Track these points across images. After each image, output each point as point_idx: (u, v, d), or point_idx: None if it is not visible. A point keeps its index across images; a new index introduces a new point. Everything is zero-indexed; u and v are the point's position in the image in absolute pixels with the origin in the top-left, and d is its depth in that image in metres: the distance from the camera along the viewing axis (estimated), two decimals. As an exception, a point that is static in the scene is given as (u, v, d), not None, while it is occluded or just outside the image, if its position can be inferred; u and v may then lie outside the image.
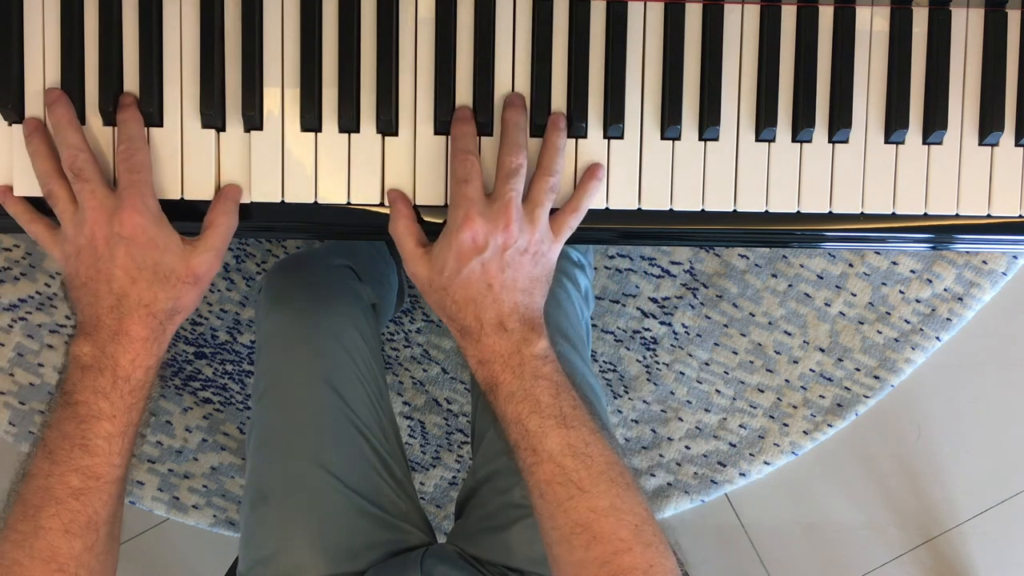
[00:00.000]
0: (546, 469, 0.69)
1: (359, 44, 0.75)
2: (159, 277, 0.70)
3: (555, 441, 0.69)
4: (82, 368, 0.69)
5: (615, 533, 0.67)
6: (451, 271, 0.71)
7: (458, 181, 0.72)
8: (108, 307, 0.70)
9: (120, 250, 0.69)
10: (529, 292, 0.73)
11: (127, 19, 0.74)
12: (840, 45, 0.77)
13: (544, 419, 0.70)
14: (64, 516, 0.67)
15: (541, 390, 0.71)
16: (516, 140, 0.73)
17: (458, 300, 0.71)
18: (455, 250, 0.70)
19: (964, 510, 1.49)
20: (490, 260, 0.70)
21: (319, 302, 0.98)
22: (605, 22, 0.76)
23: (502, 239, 0.70)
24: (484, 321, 0.71)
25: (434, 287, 0.73)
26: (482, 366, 0.72)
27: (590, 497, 0.68)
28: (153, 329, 0.71)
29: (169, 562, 1.50)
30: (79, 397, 0.69)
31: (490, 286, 0.71)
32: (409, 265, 0.74)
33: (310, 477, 0.90)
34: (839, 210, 0.78)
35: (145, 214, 0.70)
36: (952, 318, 1.45)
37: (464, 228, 0.70)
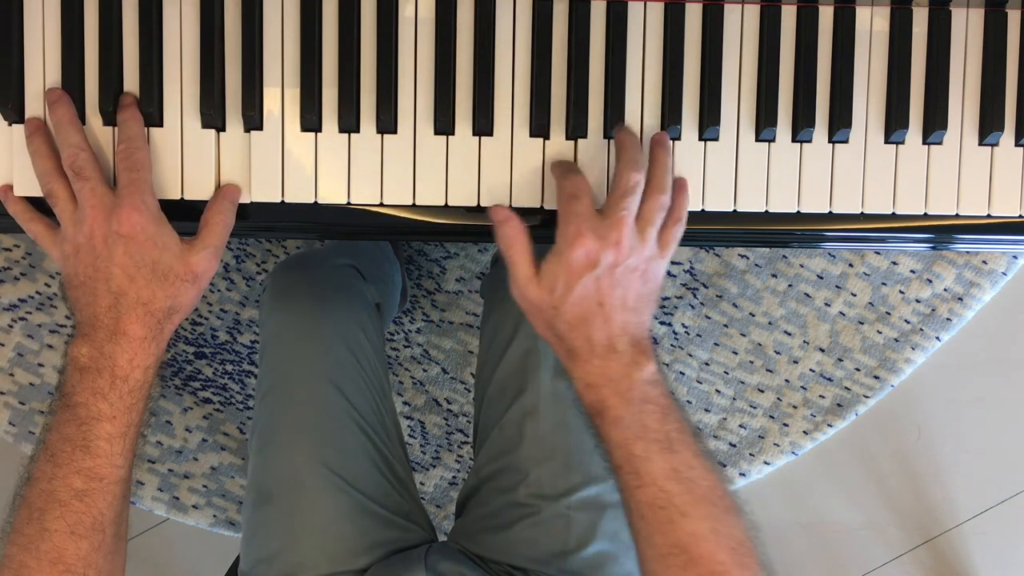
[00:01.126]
0: (648, 492, 0.68)
1: (359, 44, 0.75)
2: (157, 275, 0.70)
3: (659, 465, 0.68)
4: (80, 370, 0.69)
5: (713, 556, 0.66)
6: (563, 289, 0.69)
7: (568, 197, 0.71)
8: (106, 306, 0.69)
9: (119, 248, 0.69)
10: (638, 311, 0.71)
11: (127, 19, 0.74)
12: (840, 45, 0.77)
13: (649, 444, 0.69)
14: (69, 518, 0.67)
15: (648, 415, 0.69)
16: (635, 157, 0.72)
17: (569, 320, 0.70)
18: (566, 267, 0.69)
19: (964, 510, 1.49)
20: (602, 277, 0.69)
21: (324, 301, 0.99)
22: (605, 22, 0.76)
23: (613, 256, 0.69)
24: (594, 342, 0.70)
25: (544, 308, 0.71)
26: (589, 390, 0.71)
27: (691, 521, 0.67)
28: (151, 328, 0.70)
29: (169, 562, 1.50)
30: (78, 399, 0.69)
31: (601, 304, 0.70)
32: (519, 287, 0.72)
33: (313, 475, 0.90)
34: (839, 210, 0.78)
35: (144, 212, 0.70)
36: (952, 318, 1.45)
37: (576, 244, 0.68)
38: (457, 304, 1.44)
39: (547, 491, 0.89)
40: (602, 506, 0.89)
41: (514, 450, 0.91)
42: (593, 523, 0.88)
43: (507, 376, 0.94)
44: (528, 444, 0.90)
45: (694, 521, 0.67)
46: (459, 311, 1.44)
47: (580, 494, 0.88)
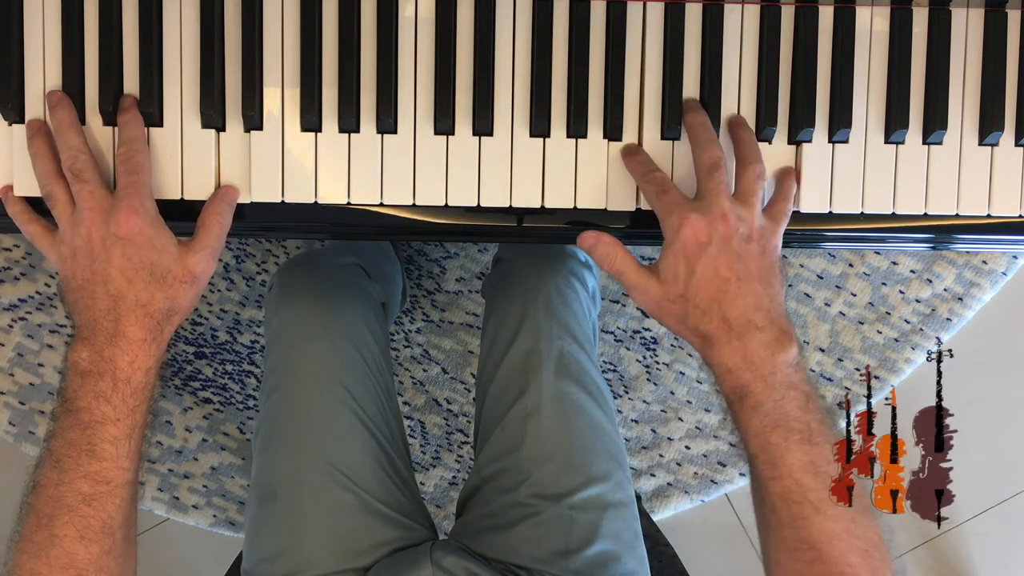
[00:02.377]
0: (782, 485, 0.66)
1: (359, 44, 0.75)
2: (156, 277, 0.70)
3: (797, 457, 0.66)
4: (81, 374, 0.69)
5: (843, 558, 0.65)
6: (684, 276, 0.69)
7: (657, 195, 0.71)
8: (105, 309, 0.69)
9: (116, 250, 0.69)
10: (767, 282, 0.69)
11: (127, 19, 0.74)
12: (840, 45, 0.77)
13: (789, 433, 0.67)
14: (78, 523, 0.67)
15: (790, 402, 0.68)
16: (708, 136, 0.72)
17: (700, 304, 0.69)
18: (682, 253, 0.69)
19: (964, 510, 1.49)
20: (719, 254, 0.68)
21: (330, 299, 0.99)
22: (605, 22, 0.76)
23: (723, 229, 0.68)
24: (731, 320, 0.68)
25: (672, 300, 0.70)
26: (730, 375, 0.69)
27: (824, 519, 0.65)
28: (151, 330, 0.70)
29: (169, 562, 1.50)
30: (81, 403, 0.69)
31: (727, 280, 0.68)
32: (639, 291, 0.72)
33: (318, 474, 0.90)
34: (839, 210, 0.78)
35: (142, 215, 0.70)
36: (952, 318, 1.45)
37: (683, 228, 0.68)
38: (457, 304, 1.44)
39: (549, 491, 0.89)
40: (604, 506, 0.89)
41: (516, 450, 0.91)
42: (595, 523, 0.88)
43: (509, 376, 0.94)
44: (530, 444, 0.90)
45: (828, 520, 0.65)
46: (459, 311, 1.44)
47: (582, 494, 0.88)
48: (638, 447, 1.48)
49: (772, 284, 0.70)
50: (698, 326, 0.69)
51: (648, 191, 0.73)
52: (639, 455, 1.48)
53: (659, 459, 1.48)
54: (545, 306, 0.96)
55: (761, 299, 0.69)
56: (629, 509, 0.91)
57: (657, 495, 1.49)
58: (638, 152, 0.76)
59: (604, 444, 0.91)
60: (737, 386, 0.69)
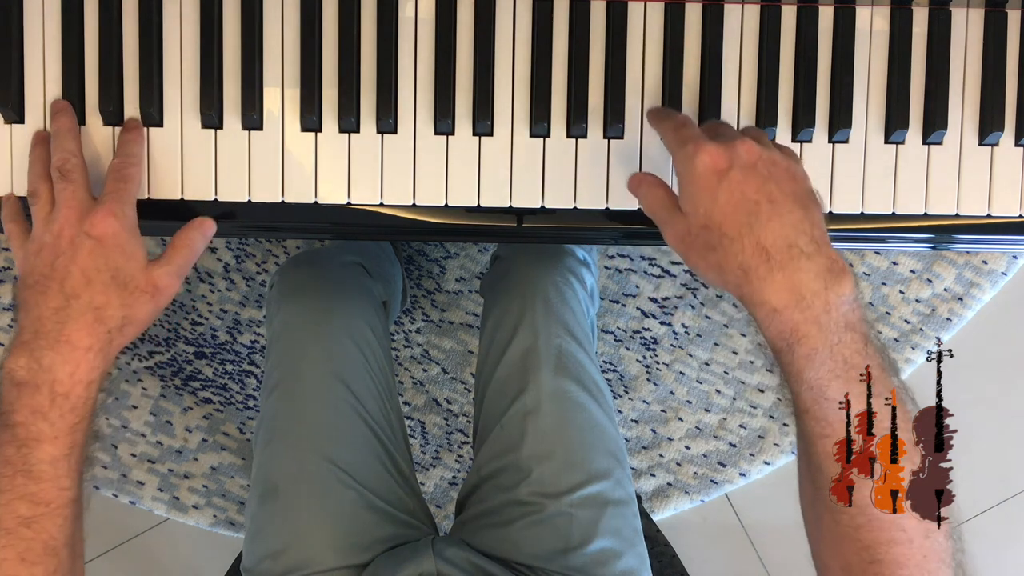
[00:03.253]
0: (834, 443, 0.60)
1: (359, 44, 0.75)
2: (117, 282, 0.67)
3: None
4: (17, 385, 0.64)
5: (896, 522, 0.59)
6: (706, 203, 0.61)
7: (676, 126, 0.66)
8: (53, 308, 0.66)
9: (84, 248, 0.67)
10: (804, 205, 0.61)
11: (127, 20, 0.74)
12: (840, 45, 0.77)
13: (849, 383, 0.59)
14: (18, 546, 0.63)
15: (848, 347, 0.59)
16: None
17: (728, 232, 0.60)
18: (701, 182, 0.62)
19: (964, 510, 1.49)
20: (744, 178, 0.61)
21: (332, 297, 0.99)
22: (605, 22, 0.76)
23: (744, 153, 0.62)
24: (769, 246, 0.59)
25: (694, 231, 0.63)
26: (777, 316, 0.59)
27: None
28: (99, 339, 0.66)
29: (169, 562, 1.50)
30: (17, 418, 0.64)
31: (757, 202, 0.60)
32: (667, 228, 0.66)
33: (320, 471, 0.90)
34: (839, 210, 0.78)
35: (120, 219, 0.68)
36: (952, 318, 1.45)
37: (698, 156, 0.62)
38: (457, 304, 1.44)
39: (549, 489, 0.89)
40: (604, 503, 0.89)
41: (515, 448, 0.91)
42: (595, 520, 0.88)
43: (508, 375, 0.94)
44: (529, 442, 0.90)
45: None
46: (459, 311, 1.44)
47: (582, 492, 0.89)
48: (638, 447, 1.48)
49: (811, 208, 0.62)
50: (730, 259, 0.61)
51: (665, 126, 0.68)
52: (639, 455, 1.48)
53: (659, 459, 1.48)
54: (543, 304, 0.96)
55: (803, 222, 0.60)
56: (629, 507, 0.91)
57: (657, 495, 1.49)
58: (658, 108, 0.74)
59: (603, 442, 0.92)
60: (786, 330, 0.59)
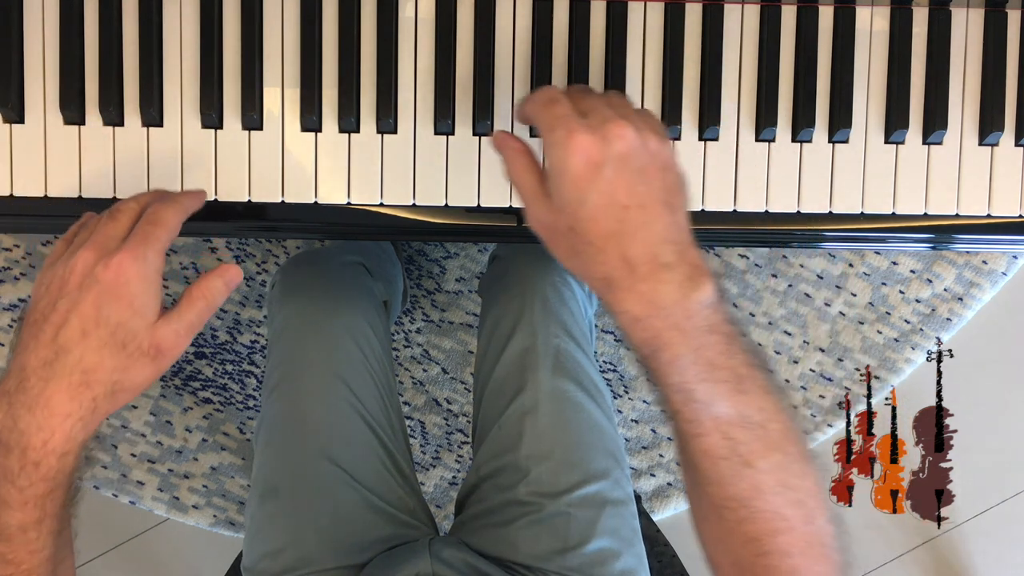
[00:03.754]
0: (710, 441, 0.58)
1: (359, 44, 0.75)
2: (115, 340, 0.59)
3: (725, 410, 0.57)
4: None
5: (777, 512, 0.58)
6: (573, 202, 0.58)
7: (546, 102, 0.60)
8: (42, 360, 0.59)
9: (90, 295, 0.59)
10: (671, 205, 0.59)
11: (127, 19, 0.74)
12: (840, 45, 0.77)
13: (716, 384, 0.58)
14: None
15: (712, 348, 0.58)
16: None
17: (594, 241, 0.58)
18: (570, 174, 0.57)
19: (964, 510, 1.49)
20: (616, 175, 0.57)
21: (333, 297, 0.99)
22: (605, 22, 0.76)
23: (619, 144, 0.57)
24: (632, 259, 0.57)
25: (559, 231, 0.60)
26: (639, 325, 0.58)
27: (756, 473, 0.58)
28: (82, 405, 0.59)
29: (169, 562, 1.51)
30: None
31: (626, 208, 0.57)
32: (530, 210, 0.62)
33: (320, 471, 0.90)
34: (839, 210, 0.78)
35: (140, 266, 0.59)
36: (952, 318, 1.45)
37: (569, 145, 0.57)
38: (457, 304, 1.44)
39: (547, 489, 0.89)
40: (602, 503, 0.89)
41: (514, 448, 0.91)
42: (593, 520, 0.88)
43: (506, 374, 0.94)
44: (528, 442, 0.90)
45: (760, 474, 0.58)
46: (459, 311, 1.44)
47: (580, 491, 0.89)
48: (638, 447, 1.48)
49: (677, 208, 0.60)
50: (593, 266, 0.59)
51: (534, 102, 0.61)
52: (639, 455, 1.48)
53: (659, 459, 1.48)
54: (541, 304, 0.96)
55: (669, 229, 0.58)
56: (627, 506, 0.91)
57: (657, 495, 1.49)
58: None
59: (602, 441, 0.92)
60: (648, 337, 0.58)
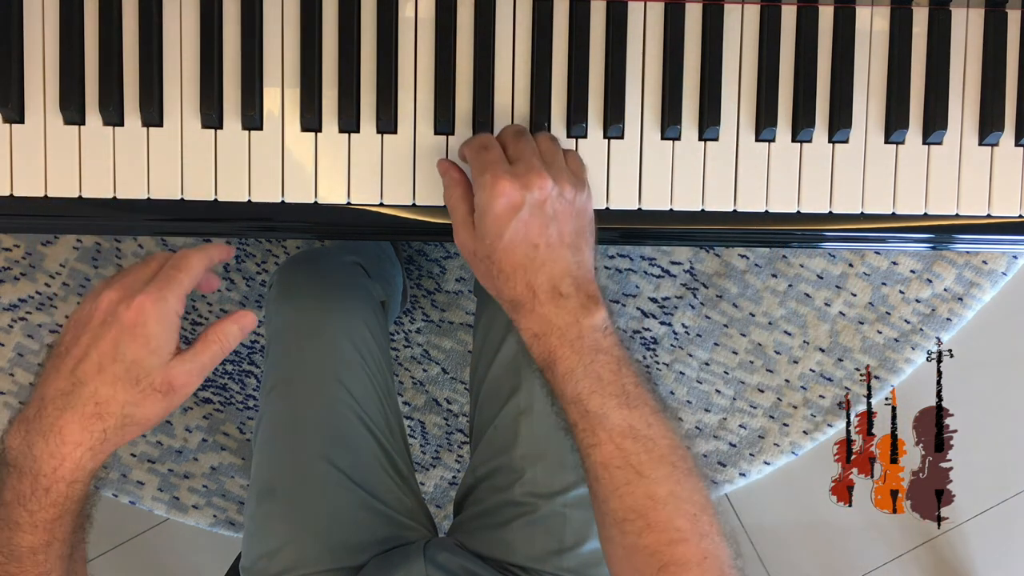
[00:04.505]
0: (604, 451, 0.65)
1: (359, 44, 0.75)
2: (129, 376, 0.63)
3: (615, 422, 0.65)
4: (7, 464, 0.63)
5: (671, 522, 0.63)
6: (492, 236, 0.67)
7: (478, 148, 0.70)
8: (59, 390, 0.63)
9: (110, 333, 0.63)
10: (577, 247, 0.68)
11: (127, 19, 0.74)
12: (840, 45, 0.77)
13: (605, 398, 0.65)
14: None
15: (601, 365, 0.66)
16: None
17: (505, 269, 0.67)
18: (491, 213, 0.67)
19: (964, 510, 1.49)
20: (531, 217, 0.67)
21: (331, 297, 0.99)
22: (605, 22, 0.76)
23: (537, 192, 0.67)
24: (536, 287, 0.67)
25: (480, 257, 0.69)
26: (537, 340, 0.67)
27: (649, 483, 0.64)
28: (92, 435, 0.63)
29: (169, 562, 1.50)
30: (5, 496, 0.62)
31: (536, 246, 0.67)
32: (459, 234, 0.71)
33: (317, 472, 0.90)
34: (839, 210, 0.78)
35: (157, 307, 0.64)
36: (952, 318, 1.45)
37: (494, 187, 0.67)
38: (457, 304, 1.44)
39: (543, 489, 0.89)
40: (599, 504, 0.89)
41: (509, 449, 0.91)
42: (589, 520, 0.88)
43: (501, 375, 0.94)
44: (523, 443, 0.90)
45: (652, 484, 0.64)
46: (459, 311, 1.44)
47: (575, 492, 0.89)
48: (638, 447, 1.48)
49: (582, 249, 0.69)
50: (504, 290, 0.68)
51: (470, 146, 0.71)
52: (639, 455, 1.48)
53: (659, 459, 1.48)
54: None
55: (569, 266, 0.67)
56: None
57: (657, 495, 1.49)
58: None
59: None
60: (545, 352, 0.67)
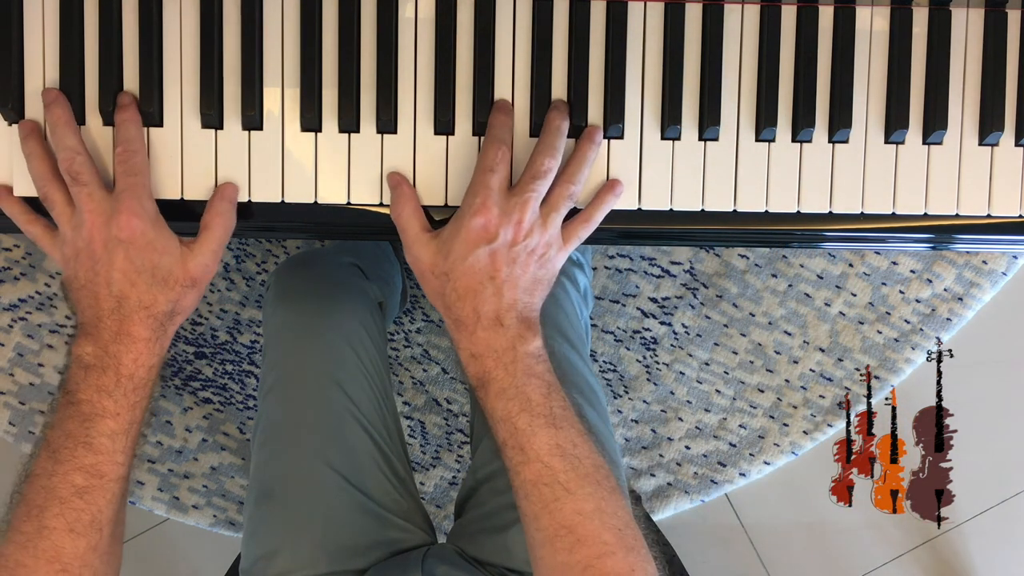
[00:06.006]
0: (533, 469, 0.69)
1: (359, 44, 0.75)
2: (157, 279, 0.71)
3: (543, 440, 0.69)
4: (85, 368, 0.70)
5: (599, 536, 0.66)
6: (457, 256, 0.70)
7: (484, 169, 0.71)
8: (109, 309, 0.70)
9: (118, 253, 0.69)
10: (530, 292, 0.72)
11: (127, 19, 0.74)
12: (840, 45, 0.77)
13: (534, 418, 0.69)
14: (68, 515, 0.67)
15: (532, 388, 0.70)
16: (553, 143, 0.73)
17: (459, 288, 0.71)
18: (464, 234, 0.70)
19: (964, 510, 1.49)
20: (497, 251, 0.70)
21: (327, 299, 0.99)
22: (605, 22, 0.76)
23: (512, 233, 0.70)
24: (481, 314, 0.70)
25: (436, 273, 0.72)
26: (474, 360, 0.71)
27: (576, 499, 0.67)
28: (154, 330, 0.71)
29: (169, 562, 1.50)
30: (82, 396, 0.69)
31: (492, 278, 0.70)
32: (412, 249, 0.73)
33: (315, 474, 0.90)
34: (839, 210, 0.78)
35: (143, 217, 0.70)
36: (952, 318, 1.45)
37: (479, 214, 0.69)
38: (457, 304, 1.44)
39: None
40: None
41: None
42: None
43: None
44: None
45: (579, 500, 0.67)
46: (459, 311, 1.44)
47: None
48: (638, 447, 1.48)
49: (534, 294, 0.72)
50: (451, 307, 0.71)
51: (483, 158, 0.72)
52: (639, 455, 1.48)
53: (659, 459, 1.48)
54: None
55: (516, 304, 0.71)
56: (624, 509, 0.91)
57: (657, 495, 1.49)
58: (509, 111, 0.75)
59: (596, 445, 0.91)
60: (480, 372, 0.71)
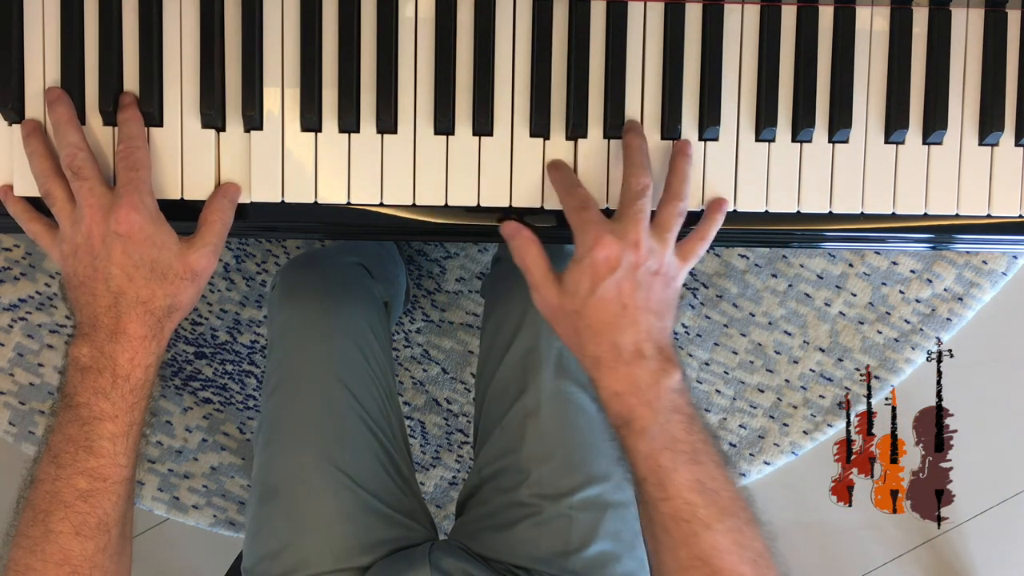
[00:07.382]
0: (673, 505, 0.68)
1: (359, 44, 0.75)
2: (156, 274, 0.71)
3: (684, 477, 0.68)
4: (81, 370, 0.70)
5: (735, 568, 0.67)
6: (585, 292, 0.70)
7: (576, 210, 0.72)
8: (105, 306, 0.70)
9: (117, 248, 0.69)
10: (661, 315, 0.71)
11: (127, 19, 0.74)
12: (840, 45, 0.77)
13: (676, 455, 0.69)
14: (74, 519, 0.67)
15: (675, 425, 0.69)
16: (640, 161, 0.73)
17: (593, 324, 0.70)
18: (590, 270, 0.70)
19: (964, 510, 1.49)
20: (624, 279, 0.70)
21: (333, 298, 0.99)
22: (605, 22, 0.76)
23: (634, 257, 0.70)
24: (621, 347, 0.70)
25: (567, 312, 0.72)
26: (617, 399, 0.70)
27: (714, 534, 0.67)
28: (151, 327, 0.71)
29: (169, 562, 1.50)
30: (80, 399, 0.69)
31: (625, 307, 0.70)
32: (540, 291, 0.73)
33: (319, 473, 0.90)
34: (839, 210, 0.78)
35: (142, 211, 0.70)
36: (952, 318, 1.45)
37: (597, 248, 0.69)
38: (457, 304, 1.44)
39: (549, 491, 0.89)
40: (604, 506, 0.89)
41: (516, 450, 0.91)
42: (595, 523, 0.88)
43: (508, 376, 0.94)
44: (530, 444, 0.90)
45: (717, 534, 0.67)
46: (459, 311, 1.44)
47: (582, 494, 0.89)
48: (638, 447, 1.48)
49: (665, 317, 0.72)
50: (587, 346, 0.71)
51: (569, 204, 0.73)
52: (639, 455, 1.48)
53: (659, 459, 1.48)
54: None
55: (652, 330, 0.70)
56: (629, 509, 0.91)
57: (657, 495, 1.49)
58: (563, 166, 0.76)
59: (604, 443, 0.92)
60: (623, 411, 0.70)
